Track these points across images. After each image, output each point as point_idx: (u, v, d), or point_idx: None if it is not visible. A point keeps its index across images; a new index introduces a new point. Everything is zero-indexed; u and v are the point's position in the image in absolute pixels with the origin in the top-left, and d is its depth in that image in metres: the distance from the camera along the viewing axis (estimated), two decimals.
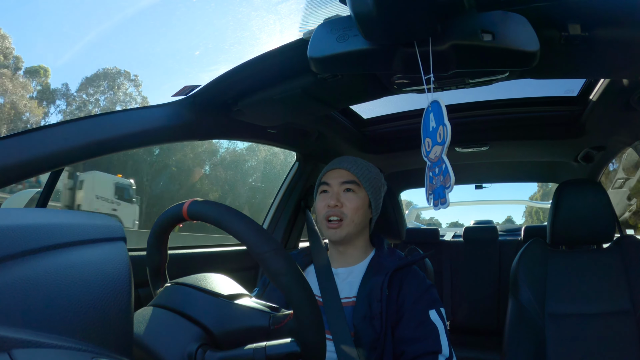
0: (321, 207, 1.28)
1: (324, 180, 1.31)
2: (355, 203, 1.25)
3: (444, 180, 0.83)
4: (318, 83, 1.26)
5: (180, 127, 1.35)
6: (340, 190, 1.27)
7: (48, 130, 1.08)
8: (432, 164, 0.87)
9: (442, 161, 0.83)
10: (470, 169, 2.92)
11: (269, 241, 0.66)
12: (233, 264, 1.93)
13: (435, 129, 0.85)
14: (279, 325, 0.70)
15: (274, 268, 0.65)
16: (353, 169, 1.28)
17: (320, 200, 1.30)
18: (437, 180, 0.85)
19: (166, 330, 0.68)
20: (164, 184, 23.49)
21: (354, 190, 1.27)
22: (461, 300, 3.13)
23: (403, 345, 1.11)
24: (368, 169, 1.31)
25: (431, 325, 1.12)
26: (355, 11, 0.77)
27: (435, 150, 0.86)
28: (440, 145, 0.84)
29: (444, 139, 0.83)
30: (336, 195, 1.26)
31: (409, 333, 1.12)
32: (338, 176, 1.29)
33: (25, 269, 0.43)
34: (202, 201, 0.74)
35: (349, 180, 1.27)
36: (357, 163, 1.31)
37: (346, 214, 1.24)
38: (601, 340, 1.52)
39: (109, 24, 34.67)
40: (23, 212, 0.55)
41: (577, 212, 1.69)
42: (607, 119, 1.74)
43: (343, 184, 1.27)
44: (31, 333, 0.40)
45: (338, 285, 1.23)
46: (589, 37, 0.95)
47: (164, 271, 0.86)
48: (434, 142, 0.86)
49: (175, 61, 49.54)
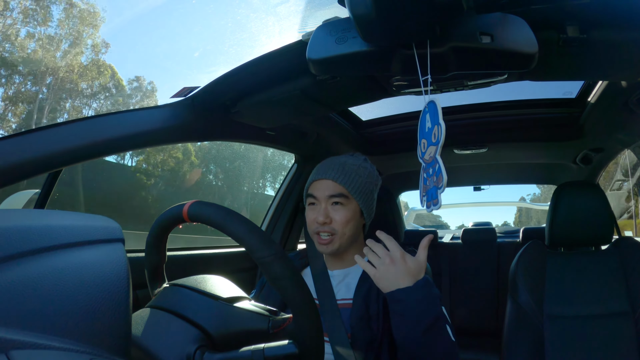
0: (310, 220, 1.23)
1: (311, 192, 1.25)
2: (345, 217, 1.20)
3: (436, 181, 0.83)
4: (317, 85, 1.26)
5: (178, 128, 1.35)
6: (328, 204, 1.21)
7: (46, 131, 1.08)
8: (426, 165, 0.87)
9: (435, 161, 0.83)
10: (469, 171, 2.92)
11: (271, 245, 0.66)
12: (232, 266, 1.93)
13: (431, 129, 0.85)
14: (278, 329, 0.70)
15: (274, 272, 0.65)
16: (340, 179, 1.20)
17: (309, 213, 1.25)
18: (430, 181, 0.85)
19: (164, 332, 0.67)
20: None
21: (343, 203, 1.20)
22: (460, 302, 3.13)
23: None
24: (357, 174, 1.23)
25: None
26: (354, 13, 0.77)
27: (430, 150, 0.86)
28: (434, 146, 0.84)
29: (438, 139, 0.82)
30: (324, 211, 1.20)
31: None
32: (325, 188, 1.21)
33: (24, 270, 0.43)
34: (203, 203, 0.73)
35: (337, 193, 1.20)
36: (345, 170, 1.22)
37: (336, 230, 1.20)
38: (599, 341, 1.52)
39: (110, 26, 34.69)
40: (21, 214, 0.55)
41: (576, 213, 1.69)
42: (605, 120, 1.75)
43: (330, 197, 1.21)
44: (29, 334, 0.40)
45: (334, 287, 1.22)
46: (587, 39, 0.96)
47: (162, 271, 0.85)
48: (429, 142, 0.86)
49: (174, 62, 49.56)
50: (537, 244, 1.78)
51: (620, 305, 1.56)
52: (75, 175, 4.53)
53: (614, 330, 1.53)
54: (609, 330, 1.53)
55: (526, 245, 1.78)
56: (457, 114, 1.99)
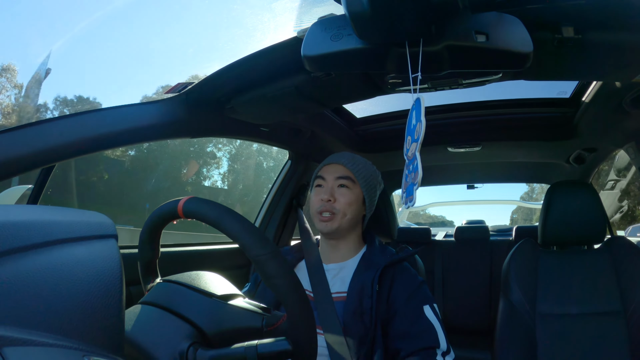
0: (315, 201, 1.28)
1: (320, 174, 1.31)
2: (348, 198, 1.26)
3: (414, 177, 0.82)
4: (311, 81, 1.26)
5: (172, 124, 1.34)
6: (335, 185, 1.27)
7: (39, 126, 1.07)
8: (408, 162, 0.87)
9: (415, 158, 0.83)
10: (463, 169, 2.93)
11: (266, 244, 0.66)
12: (226, 262, 1.93)
13: (415, 126, 0.85)
14: (272, 327, 0.70)
15: (269, 271, 0.65)
16: (349, 165, 1.28)
17: (314, 195, 1.30)
18: (410, 177, 0.85)
19: (157, 329, 0.67)
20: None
21: (348, 186, 1.27)
22: (452, 299, 3.15)
23: (399, 342, 1.12)
24: (365, 166, 1.31)
25: (426, 321, 1.13)
26: (350, 10, 0.77)
27: (412, 147, 0.86)
28: (415, 142, 0.84)
29: (419, 136, 0.82)
30: (330, 190, 1.26)
31: (404, 329, 1.13)
32: (333, 171, 1.29)
33: (16, 266, 0.43)
34: (199, 199, 0.73)
35: (344, 175, 1.27)
36: (355, 159, 1.31)
37: (338, 209, 1.24)
38: (591, 340, 1.54)
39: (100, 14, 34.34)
40: (13, 209, 0.54)
41: (568, 213, 1.70)
42: (599, 121, 1.76)
43: (338, 179, 1.27)
44: (22, 331, 0.40)
45: (329, 281, 1.24)
46: (582, 40, 0.96)
47: (155, 267, 0.85)
48: (412, 139, 0.86)
49: (169, 58, 49.41)
50: (530, 242, 1.79)
51: (612, 305, 1.57)
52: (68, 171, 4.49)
53: (605, 329, 1.54)
54: (601, 329, 1.55)
55: (519, 244, 1.79)
56: (451, 112, 1.99)
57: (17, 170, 1.03)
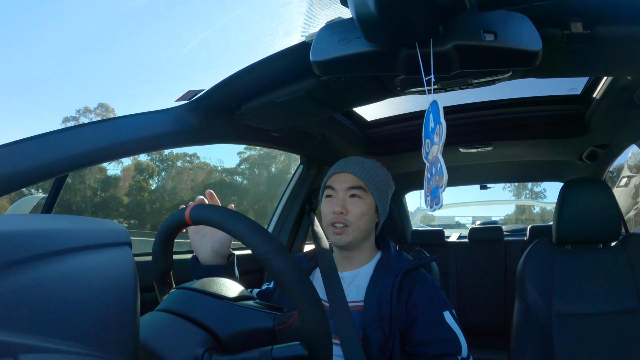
0: (327, 212, 1.25)
1: (329, 184, 1.28)
2: (361, 209, 1.22)
3: (438, 180, 0.82)
4: (321, 86, 1.26)
5: (184, 131, 1.35)
6: (346, 196, 1.24)
7: (52, 136, 1.08)
8: (430, 165, 0.87)
9: (438, 161, 0.83)
10: (475, 170, 2.92)
11: (271, 241, 0.66)
12: (239, 267, 1.93)
13: (434, 129, 0.85)
14: (284, 325, 0.70)
15: (276, 268, 0.65)
16: (359, 173, 1.25)
17: (325, 206, 1.27)
18: (433, 180, 0.85)
19: (172, 335, 0.68)
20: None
21: (360, 195, 1.24)
22: (467, 301, 3.13)
23: (421, 347, 1.11)
24: (375, 172, 1.28)
25: (448, 327, 1.12)
26: (357, 13, 0.77)
27: (433, 150, 0.85)
28: (437, 145, 0.84)
29: (440, 138, 0.82)
30: (341, 201, 1.23)
31: (426, 335, 1.11)
32: (344, 181, 1.25)
33: (31, 274, 0.43)
34: (204, 205, 0.74)
35: (355, 185, 1.24)
36: (364, 166, 1.27)
37: (351, 221, 1.21)
38: (608, 339, 1.52)
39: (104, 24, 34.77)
40: (28, 218, 0.55)
41: (583, 211, 1.68)
42: (611, 116, 1.74)
43: (349, 189, 1.24)
44: (38, 338, 0.40)
45: (344, 289, 1.22)
46: (591, 35, 0.95)
47: (170, 278, 0.86)
48: (432, 142, 0.86)
49: (179, 66, 49.71)
50: (544, 241, 1.77)
51: (628, 303, 1.55)
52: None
53: (622, 328, 1.52)
54: (618, 327, 1.53)
55: (533, 244, 1.77)
56: (462, 112, 1.99)
57: (32, 180, 1.04)
